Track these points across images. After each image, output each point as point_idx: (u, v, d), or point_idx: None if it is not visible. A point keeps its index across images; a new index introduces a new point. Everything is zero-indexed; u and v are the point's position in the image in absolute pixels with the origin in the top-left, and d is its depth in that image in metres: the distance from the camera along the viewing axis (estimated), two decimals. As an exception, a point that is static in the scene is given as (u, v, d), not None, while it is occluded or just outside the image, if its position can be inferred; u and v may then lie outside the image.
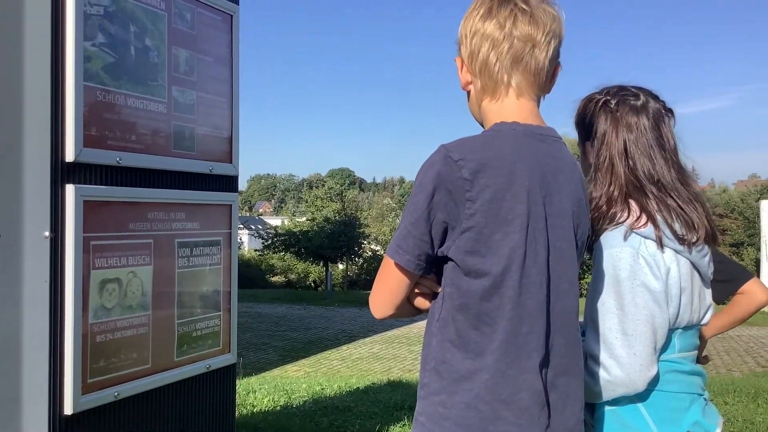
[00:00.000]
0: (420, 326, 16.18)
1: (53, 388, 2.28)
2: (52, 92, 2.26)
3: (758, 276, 21.21)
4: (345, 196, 34.18)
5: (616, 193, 1.70)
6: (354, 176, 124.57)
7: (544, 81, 1.47)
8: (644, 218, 1.64)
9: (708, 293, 1.74)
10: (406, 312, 1.49)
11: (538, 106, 1.49)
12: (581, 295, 1.53)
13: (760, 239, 21.58)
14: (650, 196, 1.67)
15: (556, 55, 1.47)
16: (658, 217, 1.64)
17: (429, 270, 1.42)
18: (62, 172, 2.29)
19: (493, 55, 1.43)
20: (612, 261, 1.60)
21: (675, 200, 1.67)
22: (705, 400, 1.73)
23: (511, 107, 1.45)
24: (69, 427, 2.33)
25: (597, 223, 1.69)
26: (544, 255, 1.38)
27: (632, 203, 1.68)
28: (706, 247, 1.71)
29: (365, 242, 33.37)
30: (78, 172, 2.34)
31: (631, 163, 1.70)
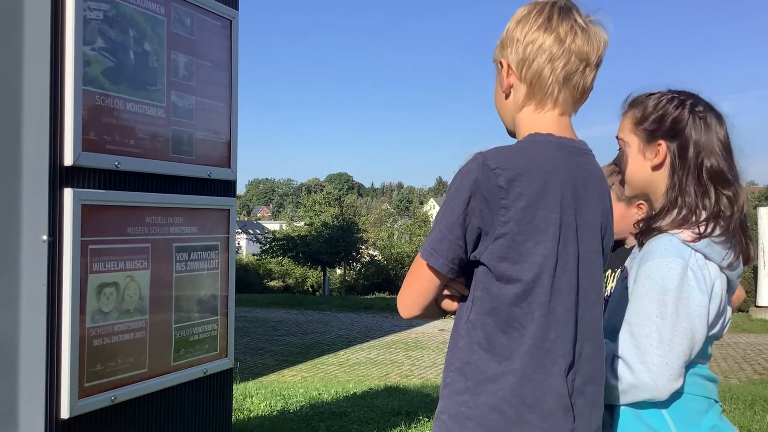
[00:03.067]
0: (418, 332, 16.17)
1: (50, 392, 2.28)
2: (51, 96, 2.26)
3: (756, 283, 21.15)
4: (343, 201, 34.13)
5: (698, 200, 1.67)
6: (352, 181, 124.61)
7: (582, 100, 1.51)
8: (702, 231, 1.63)
9: (729, 308, 1.75)
10: (433, 313, 1.52)
11: (570, 120, 1.52)
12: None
13: (758, 246, 21.62)
14: (721, 210, 1.67)
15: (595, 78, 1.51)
16: (718, 233, 1.64)
17: (460, 273, 1.45)
18: (60, 176, 2.30)
19: (549, 69, 1.45)
20: (661, 270, 1.59)
21: (738, 218, 1.68)
22: (720, 407, 1.75)
23: (550, 121, 1.48)
24: (65, 430, 2.33)
25: (657, 223, 1.68)
26: (574, 264, 1.41)
27: (699, 213, 1.66)
28: (741, 265, 1.71)
29: (363, 247, 33.33)
30: (76, 176, 2.35)
31: (715, 172, 1.69)
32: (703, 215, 1.66)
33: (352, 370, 11.78)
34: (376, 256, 35.64)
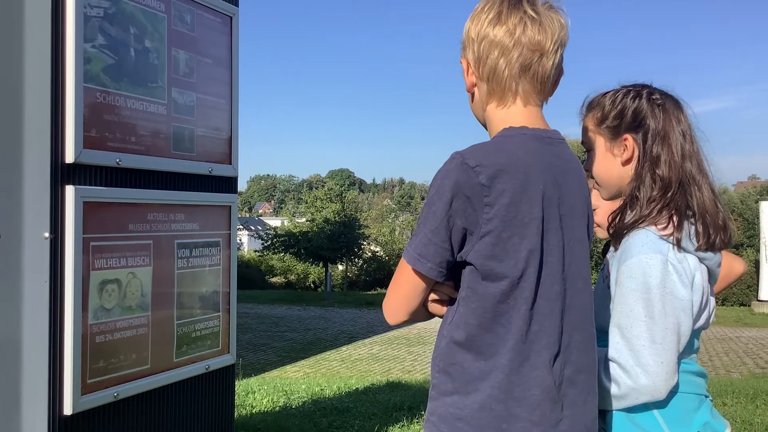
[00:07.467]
0: (420, 328, 16.18)
1: (53, 389, 2.29)
2: (53, 93, 2.27)
3: (758, 277, 21.11)
4: (345, 197, 34.13)
5: (669, 190, 1.66)
6: (354, 177, 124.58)
7: (549, 88, 1.50)
8: (676, 223, 1.62)
9: (713, 298, 1.74)
10: (420, 317, 1.50)
11: (542, 110, 1.51)
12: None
13: (759, 240, 21.61)
14: (691, 197, 1.65)
15: (561, 62, 1.49)
16: (691, 223, 1.63)
17: (448, 276, 1.43)
18: (62, 173, 2.30)
19: (503, 63, 1.44)
20: (642, 268, 1.58)
21: (708, 204, 1.66)
22: (711, 402, 1.74)
23: (517, 113, 1.47)
24: (68, 427, 2.34)
25: (631, 218, 1.66)
26: (559, 255, 1.41)
27: (671, 204, 1.65)
28: (719, 253, 1.70)
29: (365, 243, 33.38)
30: (78, 173, 2.35)
31: (680, 159, 1.68)
32: (662, 205, 1.64)
33: (354, 366, 11.80)
34: (377, 251, 35.68)
